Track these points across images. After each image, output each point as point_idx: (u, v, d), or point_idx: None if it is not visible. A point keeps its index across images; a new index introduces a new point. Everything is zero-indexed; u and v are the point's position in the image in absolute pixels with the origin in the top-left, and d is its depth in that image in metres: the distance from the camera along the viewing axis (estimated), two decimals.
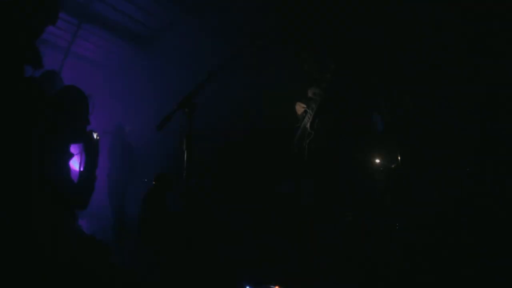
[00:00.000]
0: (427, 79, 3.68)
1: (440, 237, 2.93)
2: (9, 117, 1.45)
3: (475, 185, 3.12)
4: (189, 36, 5.69)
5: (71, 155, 1.66)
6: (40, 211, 1.39)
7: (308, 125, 2.57)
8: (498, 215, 2.74)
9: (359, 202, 2.07)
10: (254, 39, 1.93)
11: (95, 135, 1.72)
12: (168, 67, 6.13)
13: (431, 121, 3.67)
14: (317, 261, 2.54)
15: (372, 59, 3.58)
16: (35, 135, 1.51)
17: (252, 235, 4.16)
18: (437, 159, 3.59)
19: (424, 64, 3.66)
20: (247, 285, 2.13)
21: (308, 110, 2.59)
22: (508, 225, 2.58)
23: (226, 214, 4.55)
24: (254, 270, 2.76)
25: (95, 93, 1.79)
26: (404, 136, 3.65)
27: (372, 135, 3.18)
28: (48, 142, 1.50)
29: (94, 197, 1.78)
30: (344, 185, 2.16)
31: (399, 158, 3.63)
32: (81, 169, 1.68)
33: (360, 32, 3.69)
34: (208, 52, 5.32)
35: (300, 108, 2.76)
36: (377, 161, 3.85)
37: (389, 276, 2.17)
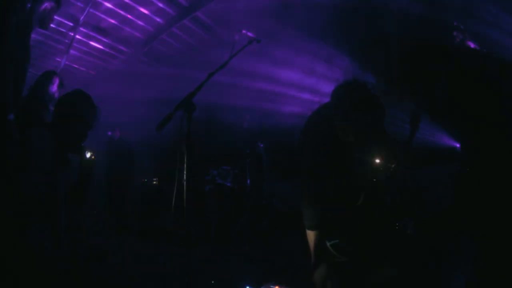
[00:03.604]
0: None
1: (439, 237, 2.94)
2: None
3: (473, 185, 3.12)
4: (188, 36, 5.70)
5: (69, 161, 1.63)
6: (37, 211, 1.39)
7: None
8: (499, 214, 2.74)
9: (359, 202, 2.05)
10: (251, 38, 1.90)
11: (88, 154, 1.61)
12: (167, 67, 6.13)
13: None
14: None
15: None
16: (36, 134, 1.51)
17: (252, 235, 4.16)
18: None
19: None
20: (247, 285, 2.13)
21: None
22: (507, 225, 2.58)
23: (225, 213, 4.55)
24: (254, 270, 2.76)
25: (94, 94, 1.77)
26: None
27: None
28: (48, 144, 1.49)
29: (94, 197, 1.75)
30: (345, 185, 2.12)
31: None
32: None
33: None
34: (207, 52, 5.32)
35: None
36: (377, 161, 3.84)
37: (388, 275, 2.17)
